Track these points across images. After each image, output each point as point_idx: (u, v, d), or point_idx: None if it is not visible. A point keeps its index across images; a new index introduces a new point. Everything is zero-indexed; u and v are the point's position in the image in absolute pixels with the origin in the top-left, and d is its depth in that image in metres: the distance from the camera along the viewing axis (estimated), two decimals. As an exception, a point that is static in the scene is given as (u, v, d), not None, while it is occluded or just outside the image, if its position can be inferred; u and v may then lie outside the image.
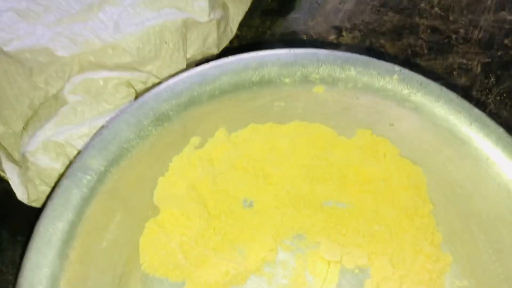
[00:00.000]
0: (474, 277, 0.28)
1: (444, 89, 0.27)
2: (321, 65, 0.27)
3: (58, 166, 0.27)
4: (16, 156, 0.29)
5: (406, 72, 0.27)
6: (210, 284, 0.28)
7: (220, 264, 0.29)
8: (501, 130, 0.26)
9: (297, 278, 0.29)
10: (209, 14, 0.29)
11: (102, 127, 0.25)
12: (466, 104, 0.27)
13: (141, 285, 0.28)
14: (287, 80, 0.27)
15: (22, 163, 0.28)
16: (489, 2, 0.36)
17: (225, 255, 0.29)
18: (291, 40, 0.35)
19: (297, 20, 0.35)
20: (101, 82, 0.27)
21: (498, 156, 0.26)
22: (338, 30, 0.35)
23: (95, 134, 0.25)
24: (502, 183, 0.26)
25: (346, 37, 0.35)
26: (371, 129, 0.29)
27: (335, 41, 0.34)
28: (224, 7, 0.30)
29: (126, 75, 0.28)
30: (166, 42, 0.28)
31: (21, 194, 0.28)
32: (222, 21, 0.30)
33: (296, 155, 0.30)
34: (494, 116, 0.34)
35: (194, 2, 0.29)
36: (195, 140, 0.28)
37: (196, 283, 0.28)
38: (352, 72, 0.27)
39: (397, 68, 0.27)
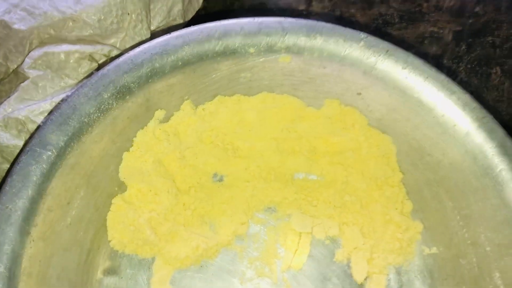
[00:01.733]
0: (443, 244, 0.28)
1: (411, 56, 0.26)
2: (286, 34, 0.26)
3: (20, 143, 0.26)
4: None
5: (372, 39, 0.26)
6: (181, 259, 0.28)
7: (191, 239, 0.28)
8: (467, 96, 0.26)
9: (268, 250, 0.29)
10: (172, -16, 0.28)
11: (61, 101, 0.24)
12: (433, 70, 0.26)
13: (109, 261, 0.27)
14: (252, 50, 0.26)
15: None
16: (460, -31, 0.36)
17: (196, 229, 0.29)
18: (260, 11, 0.34)
19: (266, -9, 0.34)
20: (62, 56, 0.27)
21: (465, 122, 0.26)
22: (308, 0, 0.34)
23: (54, 109, 0.24)
24: (469, 149, 0.26)
25: (316, 7, 0.34)
26: (339, 99, 0.28)
27: (304, 11, 0.34)
28: (189, -23, 0.30)
29: (88, 49, 0.27)
30: (128, 13, 0.27)
31: (-18, 172, 0.27)
32: (187, -9, 0.30)
33: (265, 128, 0.30)
34: (465, 84, 0.34)
35: (156, -29, 0.28)
36: (159, 113, 0.27)
37: (166, 259, 0.28)
38: (318, 40, 0.26)
39: (363, 35, 0.26)
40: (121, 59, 0.25)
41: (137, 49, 0.25)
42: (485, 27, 0.34)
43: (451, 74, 0.34)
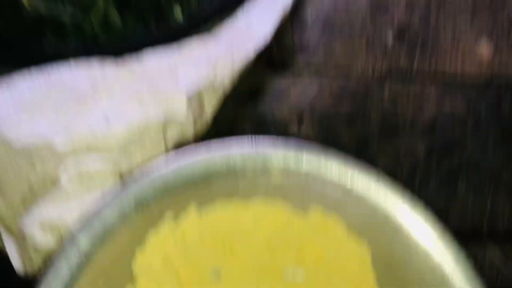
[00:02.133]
0: None
1: (381, 179, 0.32)
2: (278, 158, 0.32)
3: (51, 242, 0.31)
4: (14, 229, 0.34)
5: (350, 161, 0.32)
6: None
7: (191, 329, 0.33)
8: (430, 219, 0.31)
9: None
10: (187, 115, 0.34)
11: (90, 212, 0.30)
12: (399, 189, 0.32)
13: None
14: (249, 169, 0.32)
15: (19, 237, 0.32)
16: (432, 93, 0.42)
17: (195, 321, 0.33)
18: (259, 125, 0.40)
19: (265, 106, 0.40)
20: (92, 171, 0.32)
21: (428, 241, 0.31)
22: (300, 116, 0.40)
23: (83, 218, 0.29)
24: (432, 266, 0.30)
25: (306, 122, 0.40)
26: (323, 209, 0.34)
27: (296, 126, 0.40)
28: (201, 105, 0.36)
29: (113, 166, 0.33)
30: (149, 137, 0.33)
31: (17, 265, 0.32)
32: (199, 118, 0.36)
33: (258, 230, 0.35)
34: (436, 195, 0.39)
35: (174, 104, 0.34)
36: (169, 215, 0.32)
37: None
38: (304, 161, 0.32)
39: (341, 158, 0.32)
40: (141, 177, 0.30)
41: (154, 169, 0.31)
42: (453, 146, 0.40)
43: (423, 186, 0.39)
